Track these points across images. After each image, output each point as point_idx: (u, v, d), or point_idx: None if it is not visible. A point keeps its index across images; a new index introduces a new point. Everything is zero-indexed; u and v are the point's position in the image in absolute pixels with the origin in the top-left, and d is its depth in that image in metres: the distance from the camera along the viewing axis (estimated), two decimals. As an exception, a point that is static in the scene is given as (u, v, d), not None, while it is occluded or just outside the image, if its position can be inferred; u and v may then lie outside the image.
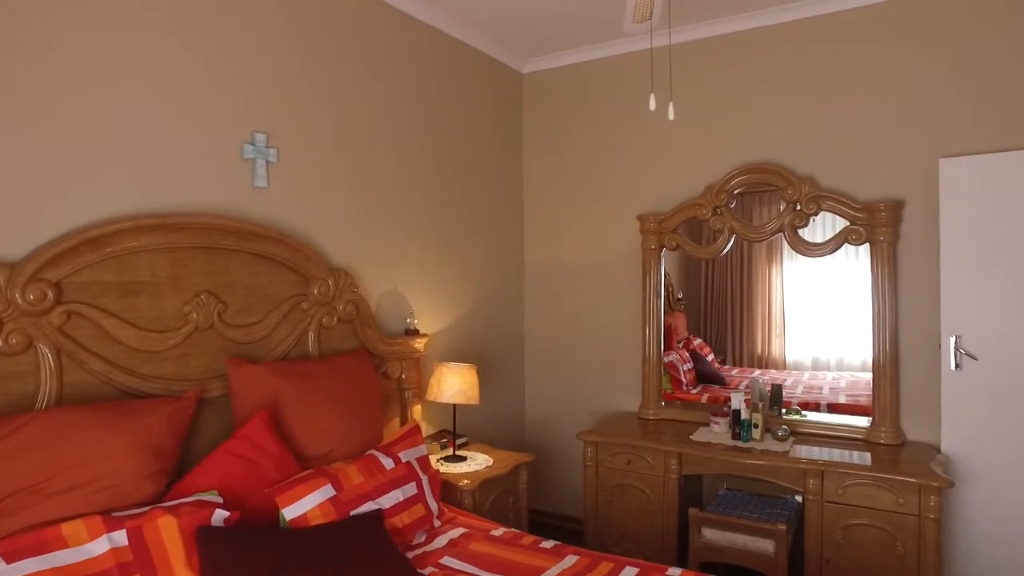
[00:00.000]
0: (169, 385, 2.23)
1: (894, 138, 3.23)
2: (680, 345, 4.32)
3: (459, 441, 3.27)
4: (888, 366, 3.18)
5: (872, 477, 2.79)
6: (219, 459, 2.12)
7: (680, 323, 4.42)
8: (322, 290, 2.78)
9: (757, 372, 4.24)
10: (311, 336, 2.76)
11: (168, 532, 1.76)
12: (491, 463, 3.08)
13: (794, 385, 3.99)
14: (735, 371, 4.28)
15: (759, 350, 4.36)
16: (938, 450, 3.07)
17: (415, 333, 3.24)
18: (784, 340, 4.26)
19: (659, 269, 3.76)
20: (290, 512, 2.09)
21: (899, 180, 3.20)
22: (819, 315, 3.99)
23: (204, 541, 1.78)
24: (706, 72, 3.70)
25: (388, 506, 2.31)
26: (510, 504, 3.13)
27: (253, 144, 2.61)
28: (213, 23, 2.46)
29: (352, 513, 2.20)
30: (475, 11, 3.49)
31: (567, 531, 3.82)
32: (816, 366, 4.21)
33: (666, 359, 4.08)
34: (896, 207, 3.15)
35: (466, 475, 2.90)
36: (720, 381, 4.19)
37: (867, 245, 3.22)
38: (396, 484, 2.39)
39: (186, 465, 2.16)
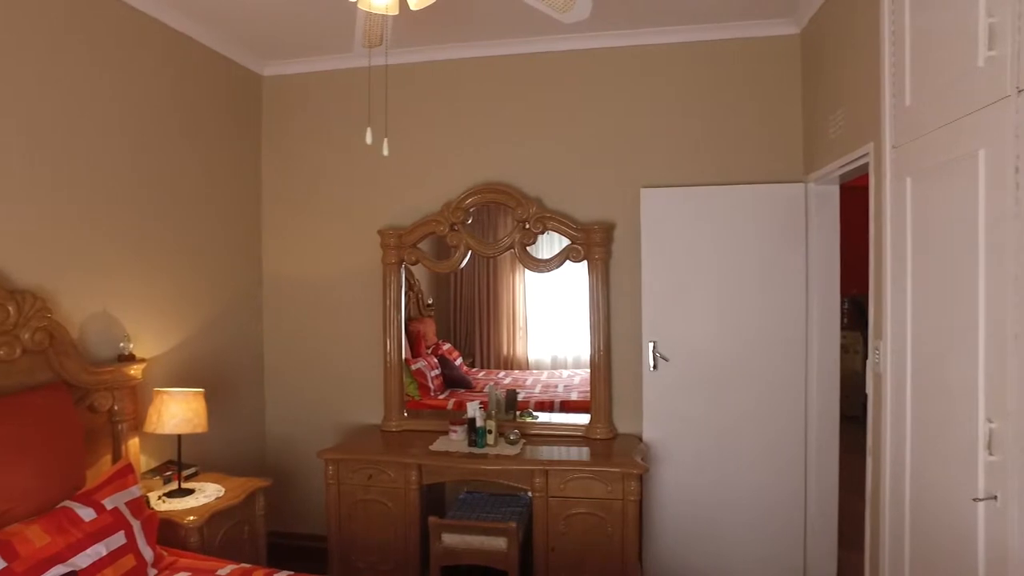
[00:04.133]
0: None
1: (607, 168, 3.67)
2: (429, 351, 4.44)
3: (186, 473, 3.01)
4: (603, 369, 3.60)
5: (588, 471, 3.15)
6: None
7: (429, 329, 4.54)
8: (-1, 318, 2.36)
9: (502, 374, 4.53)
10: (-16, 373, 2.33)
11: None
12: (223, 493, 2.89)
13: (533, 385, 4.33)
14: (482, 373, 4.52)
15: (505, 352, 4.65)
16: (640, 440, 3.57)
17: (130, 359, 2.91)
18: (527, 341, 4.61)
19: (399, 283, 3.83)
20: (-64, 600, 1.75)
21: (611, 205, 3.64)
22: (558, 316, 4.37)
23: None
24: (446, 92, 3.84)
25: (85, 565, 2.05)
26: (246, 534, 2.97)
27: None
28: None
29: (35, 582, 1.91)
30: (206, 6, 3.21)
31: (313, 551, 3.73)
32: (555, 365, 4.61)
33: (414, 366, 4.16)
34: (608, 229, 3.58)
35: (192, 510, 2.68)
36: (467, 385, 4.39)
37: (586, 261, 3.60)
38: (97, 537, 2.14)
39: None
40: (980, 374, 1.80)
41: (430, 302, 4.44)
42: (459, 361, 4.52)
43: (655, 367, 3.53)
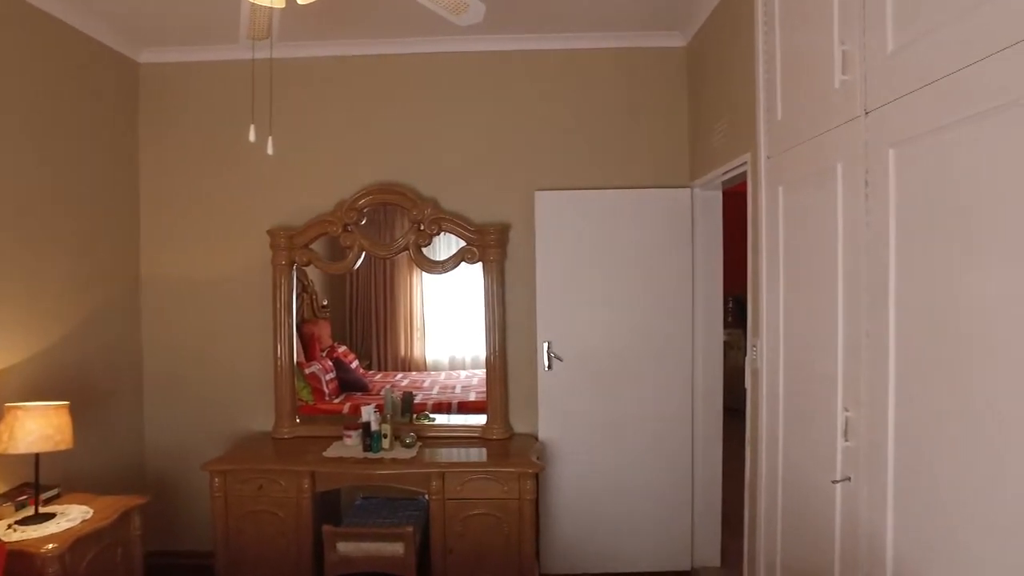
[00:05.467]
0: None
1: (503, 170, 3.70)
2: (324, 354, 4.31)
3: (46, 495, 2.75)
4: (499, 370, 3.63)
5: (484, 471, 3.16)
6: None
7: (324, 331, 4.41)
8: None
9: (400, 375, 4.47)
10: None
11: None
12: (90, 515, 2.66)
13: (431, 386, 4.30)
14: (379, 376, 4.44)
15: (402, 353, 4.60)
16: (536, 439, 3.62)
17: (-22, 371, 2.63)
18: (424, 342, 4.58)
19: (291, 285, 3.69)
20: None
21: (506, 207, 3.68)
22: (456, 317, 4.36)
23: None
24: (340, 89, 3.74)
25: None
26: (119, 557, 2.76)
27: None
28: None
29: None
30: (64, -17, 2.96)
31: (200, 568, 3.52)
32: (453, 365, 4.61)
33: (308, 370, 4.03)
34: (503, 230, 3.61)
35: (51, 537, 2.45)
36: (364, 388, 4.30)
37: (481, 263, 3.61)
38: (-70, 575, 1.91)
39: None
40: (839, 368, 1.96)
41: (325, 303, 4.31)
42: (355, 364, 4.42)
43: (550, 367, 3.59)
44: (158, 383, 3.84)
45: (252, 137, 2.24)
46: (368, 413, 3.37)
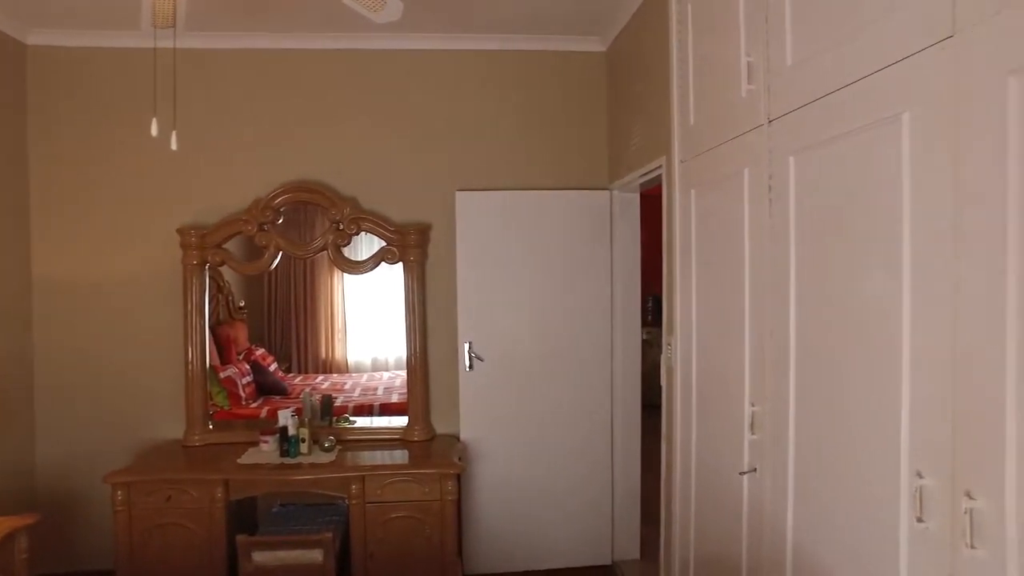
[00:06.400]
0: None
1: (424, 170, 3.67)
2: (240, 357, 4.15)
3: (-79, 517, 2.53)
4: (420, 370, 3.60)
5: (405, 474, 3.13)
6: None
7: (241, 333, 4.24)
8: None
9: (320, 378, 4.36)
10: None
11: None
12: (-32, 538, 2.46)
13: (353, 388, 4.22)
14: (299, 379, 4.32)
15: (323, 355, 4.48)
16: (458, 439, 3.61)
17: None
18: (346, 344, 4.48)
19: (203, 286, 3.53)
20: None
21: (427, 207, 3.65)
22: (378, 317, 4.29)
23: None
24: (255, 84, 3.61)
25: None
26: (2, 583, 2.56)
27: None
28: None
29: None
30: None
31: (100, 587, 3.33)
32: (375, 366, 4.53)
33: (223, 374, 3.88)
34: (424, 230, 3.58)
35: (-73, 562, 2.26)
36: (283, 391, 4.17)
37: (401, 263, 3.56)
38: None
39: None
40: (746, 364, 2.05)
41: (242, 304, 4.16)
42: (274, 366, 4.28)
43: (471, 367, 3.59)
44: (53, 393, 3.57)
45: (154, 131, 2.12)
46: (285, 417, 3.27)
